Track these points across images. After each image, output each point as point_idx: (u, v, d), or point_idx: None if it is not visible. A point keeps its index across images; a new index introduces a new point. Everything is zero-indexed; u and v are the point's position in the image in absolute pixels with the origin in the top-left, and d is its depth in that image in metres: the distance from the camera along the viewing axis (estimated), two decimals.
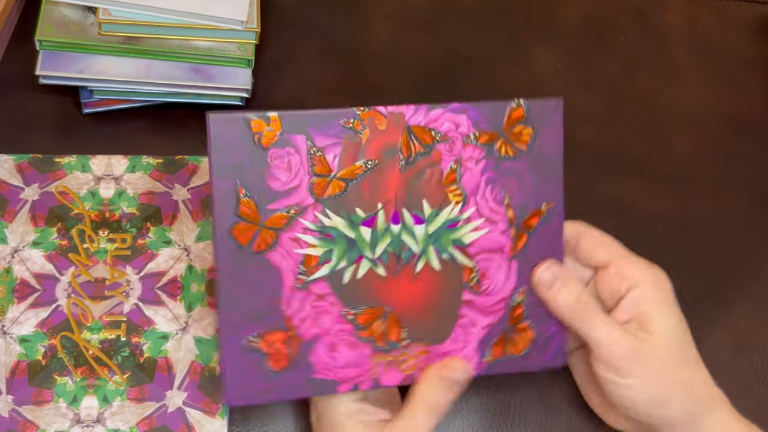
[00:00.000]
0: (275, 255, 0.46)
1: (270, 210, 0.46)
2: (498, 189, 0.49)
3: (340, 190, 0.47)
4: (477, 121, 0.48)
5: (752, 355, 0.60)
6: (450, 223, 0.48)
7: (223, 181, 0.45)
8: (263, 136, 0.45)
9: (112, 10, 0.61)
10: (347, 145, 0.46)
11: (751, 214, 0.66)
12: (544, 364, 0.51)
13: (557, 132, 0.49)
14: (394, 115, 0.47)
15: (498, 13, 0.75)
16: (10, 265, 0.56)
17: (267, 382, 0.47)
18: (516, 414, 0.57)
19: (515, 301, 0.50)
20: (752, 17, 0.77)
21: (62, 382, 0.53)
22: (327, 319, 0.47)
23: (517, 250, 0.49)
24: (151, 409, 0.53)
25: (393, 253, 0.48)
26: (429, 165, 0.48)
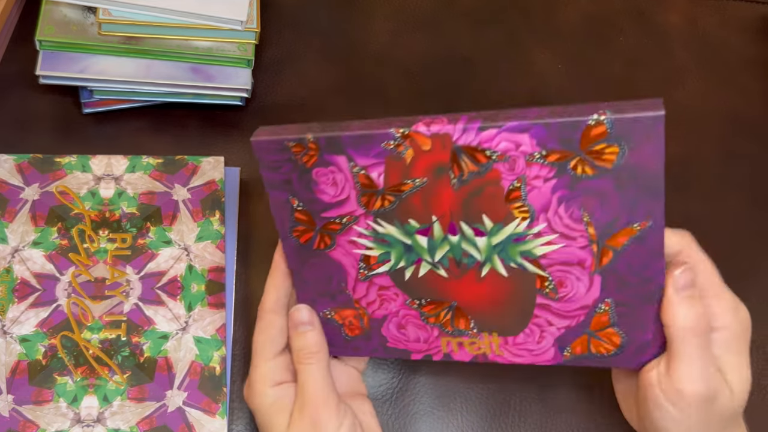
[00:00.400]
0: (336, 253, 0.47)
1: (324, 218, 0.46)
2: (574, 206, 0.43)
3: (389, 203, 0.45)
4: (543, 140, 0.41)
5: (752, 355, 0.60)
6: (516, 237, 0.44)
7: (276, 193, 0.46)
8: (304, 156, 0.45)
9: (112, 10, 0.61)
10: (391, 164, 0.44)
11: (751, 214, 0.66)
12: (642, 364, 0.46)
13: (656, 147, 0.40)
14: (438, 136, 0.42)
15: (498, 13, 0.75)
16: (10, 265, 0.56)
17: (345, 343, 0.50)
18: (516, 414, 0.57)
19: (599, 311, 0.45)
20: (752, 17, 0.77)
21: (62, 382, 0.53)
22: (393, 305, 0.48)
23: (602, 266, 0.44)
24: (151, 408, 0.53)
25: (453, 259, 0.45)
26: (486, 184, 0.43)
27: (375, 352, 0.50)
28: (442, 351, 0.49)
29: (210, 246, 0.58)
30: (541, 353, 0.47)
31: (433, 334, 0.48)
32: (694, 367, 0.45)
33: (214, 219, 0.59)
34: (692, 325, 0.44)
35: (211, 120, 0.66)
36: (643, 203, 0.42)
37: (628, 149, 0.41)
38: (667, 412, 0.46)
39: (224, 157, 0.61)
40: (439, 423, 0.56)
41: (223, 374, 0.54)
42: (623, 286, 0.44)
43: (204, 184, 0.60)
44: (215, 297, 0.56)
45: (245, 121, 0.67)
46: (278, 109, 0.68)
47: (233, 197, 0.61)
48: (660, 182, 0.41)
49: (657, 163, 0.41)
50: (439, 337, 0.48)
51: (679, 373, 0.45)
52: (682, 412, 0.46)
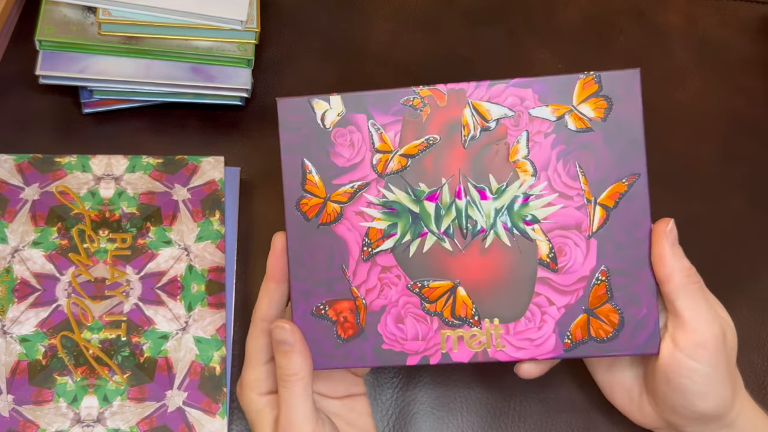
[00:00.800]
0: (341, 227, 0.48)
1: (335, 185, 0.48)
2: (571, 163, 0.47)
3: (402, 165, 0.48)
4: (544, 94, 0.47)
5: (752, 355, 0.60)
6: (519, 198, 0.47)
7: (291, 157, 0.48)
8: (326, 116, 0.48)
9: (112, 10, 0.61)
10: (408, 122, 0.47)
11: (751, 214, 0.66)
12: (638, 349, 0.48)
13: (636, 102, 0.47)
14: (454, 91, 0.47)
15: (498, 13, 0.75)
16: (10, 265, 0.56)
17: (337, 349, 0.48)
18: (516, 414, 0.57)
19: (596, 282, 0.48)
20: (752, 17, 0.77)
21: (62, 382, 0.53)
22: (393, 292, 0.48)
23: (597, 228, 0.47)
24: (151, 408, 0.53)
25: (459, 228, 0.47)
26: (494, 140, 0.47)
27: (365, 360, 0.48)
28: (440, 350, 0.48)
29: (210, 246, 0.58)
30: (542, 342, 0.48)
31: (432, 327, 0.48)
32: (703, 311, 0.46)
33: (214, 219, 0.59)
34: (691, 272, 0.47)
35: (211, 120, 0.66)
36: (629, 157, 0.47)
37: (614, 103, 0.47)
38: (695, 371, 0.47)
39: (224, 157, 0.61)
40: (439, 423, 0.56)
41: (223, 374, 0.54)
42: (617, 249, 0.47)
43: (204, 184, 0.60)
44: (215, 297, 0.56)
45: (245, 121, 0.67)
46: None
47: (233, 197, 0.61)
48: (640, 136, 0.47)
49: (637, 116, 0.47)
50: (438, 330, 0.48)
51: (693, 325, 0.46)
52: (709, 362, 0.46)
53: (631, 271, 0.47)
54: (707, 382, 0.47)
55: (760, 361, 0.60)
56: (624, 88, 0.47)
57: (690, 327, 0.46)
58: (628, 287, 0.47)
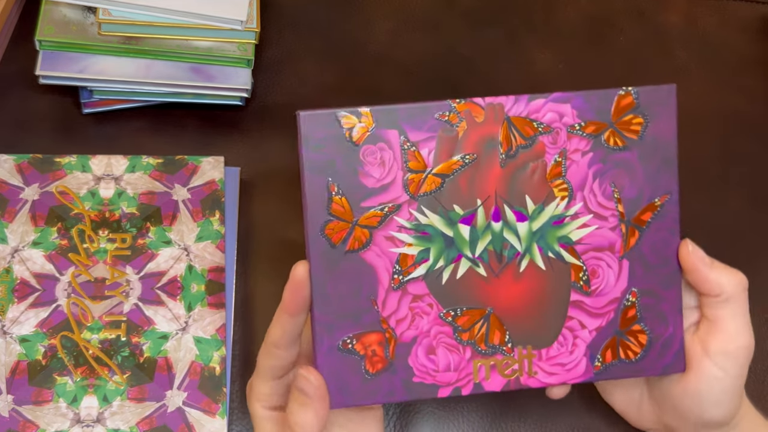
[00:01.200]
0: (369, 254, 0.44)
1: (363, 208, 0.44)
2: (607, 182, 0.46)
3: (436, 186, 0.45)
4: (582, 110, 0.46)
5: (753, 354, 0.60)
6: (555, 220, 0.46)
7: (315, 178, 0.44)
8: (355, 131, 0.44)
9: (112, 10, 0.61)
10: (443, 138, 0.45)
11: (751, 214, 0.66)
12: (665, 369, 0.47)
13: (671, 119, 0.46)
14: (492, 106, 0.45)
15: (498, 13, 0.75)
16: (10, 265, 0.56)
17: (364, 384, 0.45)
18: (516, 414, 0.57)
19: (627, 303, 0.47)
20: (752, 17, 0.77)
21: (62, 382, 0.53)
22: (425, 321, 0.45)
23: (629, 248, 0.46)
24: (151, 408, 0.53)
25: (494, 252, 0.46)
26: (532, 158, 0.45)
27: (394, 395, 0.46)
28: (472, 380, 0.46)
29: (210, 246, 0.58)
30: (573, 366, 0.47)
31: (465, 357, 0.46)
32: (744, 319, 0.47)
33: (214, 219, 0.59)
34: (738, 280, 0.47)
35: (211, 120, 0.66)
36: (662, 176, 0.46)
37: (650, 120, 0.46)
38: (718, 380, 0.47)
39: (224, 157, 0.61)
40: (440, 423, 0.56)
41: (223, 374, 0.54)
42: (647, 270, 0.47)
43: (204, 184, 0.60)
44: (215, 297, 0.56)
45: (245, 121, 0.67)
46: (278, 109, 0.68)
47: (233, 197, 0.61)
48: (674, 153, 0.46)
49: (671, 134, 0.46)
50: (471, 360, 0.46)
51: (732, 332, 0.46)
52: (735, 372, 0.47)
53: (658, 291, 0.47)
54: (726, 391, 0.47)
55: (759, 360, 0.60)
56: (660, 105, 0.46)
57: (728, 335, 0.46)
58: (656, 307, 0.47)
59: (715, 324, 0.47)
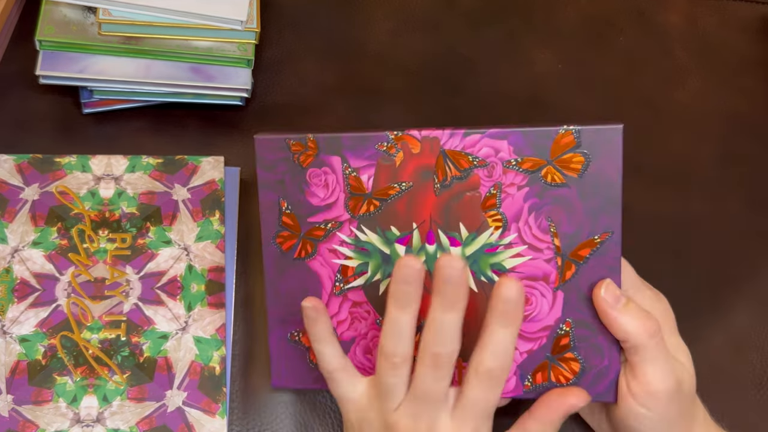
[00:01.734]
0: (315, 263, 0.49)
1: (310, 222, 0.49)
2: (543, 216, 0.47)
3: (375, 208, 0.48)
4: (519, 147, 0.46)
5: (751, 355, 0.60)
6: (488, 248, 0.47)
7: (268, 193, 0.49)
8: (302, 156, 0.48)
9: (112, 10, 0.61)
10: (381, 166, 0.48)
11: (750, 214, 0.66)
12: (597, 397, 0.48)
13: (615, 159, 0.46)
14: (428, 139, 0.47)
15: (498, 13, 0.75)
16: (10, 265, 0.56)
17: (309, 372, 0.50)
18: (516, 414, 0.57)
19: (560, 332, 0.48)
20: (752, 17, 0.77)
21: (62, 382, 0.53)
22: (363, 325, 0.49)
23: (565, 280, 0.47)
24: (150, 408, 0.53)
25: (428, 272, 0.48)
26: (466, 189, 0.47)
27: None
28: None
29: (210, 246, 0.58)
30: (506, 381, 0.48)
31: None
32: (659, 365, 0.46)
33: (214, 219, 0.59)
34: (645, 328, 0.46)
35: (211, 120, 0.66)
36: (603, 214, 0.46)
37: (592, 160, 0.46)
38: (644, 417, 0.47)
39: (224, 157, 0.61)
40: None
41: (223, 374, 0.54)
42: (583, 302, 0.47)
43: (204, 184, 0.60)
44: (215, 297, 0.56)
45: (245, 121, 0.67)
46: (278, 109, 0.68)
47: (233, 197, 0.61)
48: (618, 194, 0.46)
49: (616, 174, 0.46)
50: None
51: (648, 377, 0.46)
52: (660, 412, 0.47)
53: (595, 324, 0.48)
54: (655, 427, 0.47)
55: (758, 360, 0.60)
56: (604, 145, 0.46)
57: (645, 379, 0.47)
58: (591, 338, 0.48)
59: (632, 368, 0.47)
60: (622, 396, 0.48)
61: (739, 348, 0.60)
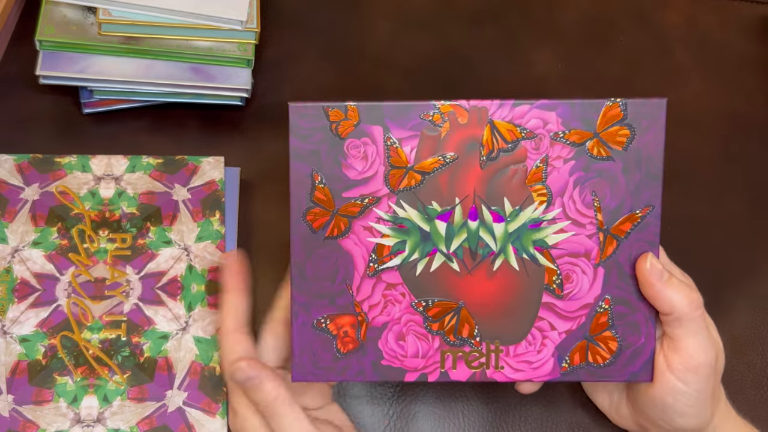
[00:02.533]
0: (347, 242, 0.47)
1: (345, 198, 0.46)
2: (587, 191, 0.46)
3: (416, 182, 0.46)
4: (567, 118, 0.46)
5: (752, 355, 0.60)
6: (532, 223, 0.47)
7: (300, 165, 0.46)
8: (340, 125, 0.46)
9: (112, 10, 0.61)
10: (425, 137, 0.46)
11: (751, 214, 0.66)
12: (632, 376, 0.48)
13: (659, 133, 0.46)
14: (476, 109, 0.46)
15: (498, 13, 0.75)
16: (10, 265, 0.56)
17: (335, 362, 0.47)
18: (516, 414, 0.57)
19: (599, 310, 0.47)
20: (752, 17, 0.77)
21: (62, 382, 0.53)
22: (397, 309, 0.47)
23: (605, 257, 0.47)
24: (151, 408, 0.53)
25: (469, 249, 0.47)
26: (512, 162, 0.46)
27: (364, 374, 0.48)
28: (439, 369, 0.48)
29: (210, 246, 0.58)
30: (540, 365, 0.48)
31: (433, 346, 0.47)
32: (702, 339, 0.46)
33: (214, 219, 0.59)
34: (691, 301, 0.46)
35: (211, 120, 0.66)
36: (645, 189, 0.46)
37: (636, 133, 0.46)
38: (682, 393, 0.47)
39: (224, 157, 0.61)
40: (440, 422, 0.56)
41: (223, 374, 0.54)
42: (622, 279, 0.47)
43: (204, 184, 0.60)
44: (215, 297, 0.56)
45: (245, 121, 0.67)
46: (278, 109, 0.68)
47: (233, 197, 0.61)
48: (660, 168, 0.46)
49: (658, 148, 0.46)
50: (439, 349, 0.47)
51: (691, 350, 0.46)
52: (698, 387, 0.47)
53: (633, 301, 0.47)
54: (692, 404, 0.47)
55: (759, 361, 0.60)
56: (648, 118, 0.46)
57: (687, 353, 0.46)
58: (629, 316, 0.47)
59: (674, 341, 0.47)
60: (659, 372, 0.47)
61: (739, 348, 0.60)
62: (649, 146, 0.46)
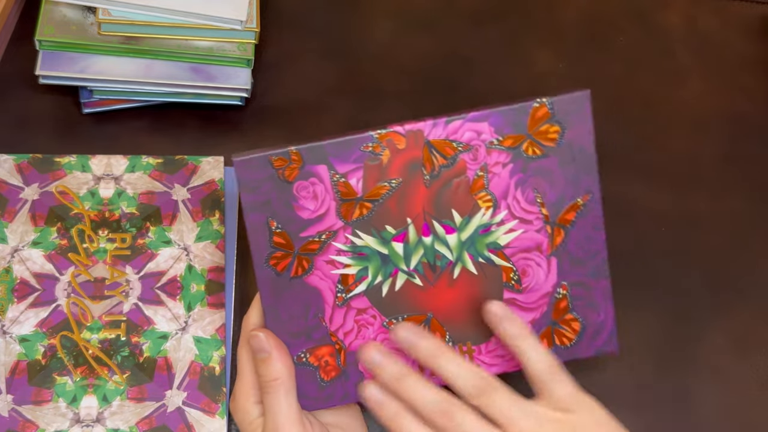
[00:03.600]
0: (313, 278, 0.48)
1: (302, 237, 0.48)
2: (529, 189, 0.49)
3: (367, 210, 0.48)
4: (499, 126, 0.48)
5: (752, 355, 0.60)
6: (482, 228, 0.49)
7: (255, 216, 0.47)
8: (286, 170, 0.47)
9: (112, 10, 0.61)
10: (369, 167, 0.47)
11: (751, 214, 0.66)
12: (598, 350, 0.51)
13: (587, 123, 0.48)
14: (412, 132, 0.47)
15: (498, 13, 0.75)
16: (10, 265, 0.56)
17: (321, 391, 0.49)
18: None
19: (558, 296, 0.50)
20: (752, 17, 0.77)
21: (62, 382, 0.53)
22: (370, 331, 0.49)
23: (556, 246, 0.49)
24: (150, 408, 0.53)
25: (428, 263, 0.48)
26: (454, 175, 0.48)
27: (349, 397, 0.49)
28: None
29: (210, 246, 0.58)
30: (512, 357, 0.50)
31: (410, 360, 0.49)
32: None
33: (213, 219, 0.59)
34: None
35: (211, 120, 0.66)
36: (582, 177, 0.49)
37: (566, 127, 0.48)
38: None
39: (224, 157, 0.61)
40: None
41: (223, 374, 0.54)
42: (575, 264, 0.50)
43: (204, 184, 0.60)
44: (215, 297, 0.56)
45: (245, 121, 0.67)
46: (278, 109, 0.68)
47: (233, 197, 0.61)
48: (593, 156, 0.49)
49: (589, 138, 0.48)
50: (415, 361, 0.49)
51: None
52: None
53: (588, 281, 0.50)
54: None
55: (760, 361, 0.60)
56: (576, 112, 0.48)
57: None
58: (587, 296, 0.50)
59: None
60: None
61: (739, 348, 0.60)
62: (581, 137, 0.48)
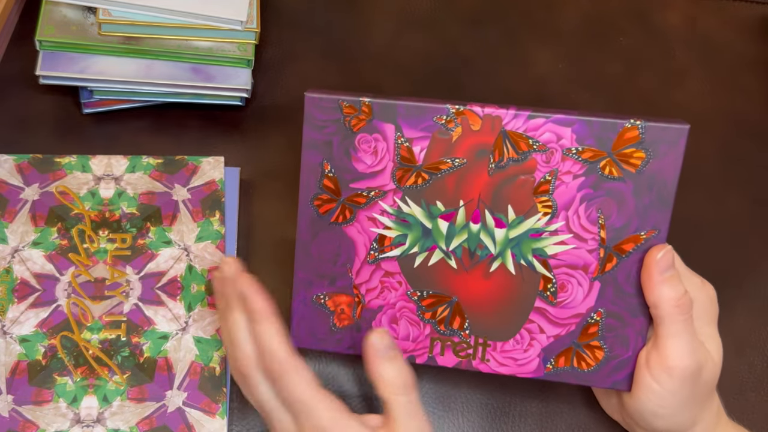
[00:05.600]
0: (351, 229, 0.48)
1: (352, 188, 0.48)
2: (593, 208, 0.47)
3: (423, 181, 0.47)
4: (582, 136, 0.46)
5: (752, 355, 0.60)
6: (533, 232, 0.47)
7: (312, 154, 0.47)
8: (353, 119, 0.47)
9: (112, 10, 0.61)
10: (436, 139, 0.46)
11: (751, 214, 0.66)
12: (614, 385, 0.49)
13: (676, 159, 0.45)
14: (490, 117, 0.46)
15: (498, 13, 0.75)
16: (10, 265, 0.56)
17: (330, 335, 0.50)
18: (516, 414, 0.57)
19: (590, 320, 0.48)
20: (752, 17, 0.77)
21: (62, 382, 0.53)
22: (392, 295, 0.49)
23: (604, 272, 0.47)
24: (151, 409, 0.53)
25: (467, 249, 0.48)
26: (521, 172, 0.47)
27: (355, 348, 0.49)
28: (427, 353, 0.49)
29: (210, 246, 0.58)
30: (525, 363, 0.49)
31: (423, 333, 0.49)
32: (681, 342, 0.46)
33: (214, 219, 0.59)
34: (678, 302, 0.46)
35: (211, 120, 0.66)
36: (653, 212, 0.46)
37: (652, 157, 0.45)
38: (654, 392, 0.47)
39: (224, 157, 0.61)
40: (440, 422, 0.56)
41: (223, 374, 0.54)
42: (618, 295, 0.47)
43: (204, 184, 0.60)
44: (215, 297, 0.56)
45: (245, 121, 0.67)
46: (278, 109, 0.68)
47: (233, 197, 0.61)
48: (672, 194, 0.46)
49: (673, 174, 0.46)
50: (429, 336, 0.49)
51: (668, 351, 0.46)
52: (670, 389, 0.47)
53: (626, 316, 0.48)
54: (663, 405, 0.47)
55: (759, 361, 0.60)
56: (667, 143, 0.45)
57: (664, 353, 0.47)
58: (620, 330, 0.48)
59: (656, 340, 0.47)
60: (638, 370, 0.48)
61: (739, 348, 0.60)
62: (665, 171, 0.46)
